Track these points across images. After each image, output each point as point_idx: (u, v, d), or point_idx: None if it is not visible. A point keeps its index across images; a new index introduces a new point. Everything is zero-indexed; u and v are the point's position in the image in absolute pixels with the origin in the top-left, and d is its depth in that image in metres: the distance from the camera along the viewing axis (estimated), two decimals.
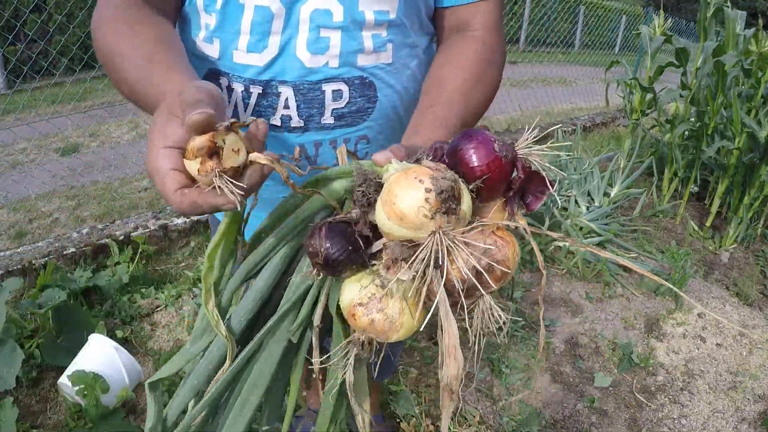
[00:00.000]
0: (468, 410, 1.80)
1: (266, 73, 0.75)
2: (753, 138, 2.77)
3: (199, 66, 0.76)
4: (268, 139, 0.65)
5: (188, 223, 2.50)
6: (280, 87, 0.76)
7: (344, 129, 0.81)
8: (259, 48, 0.73)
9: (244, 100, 0.77)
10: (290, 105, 0.77)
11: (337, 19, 0.73)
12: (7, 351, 1.55)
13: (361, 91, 0.79)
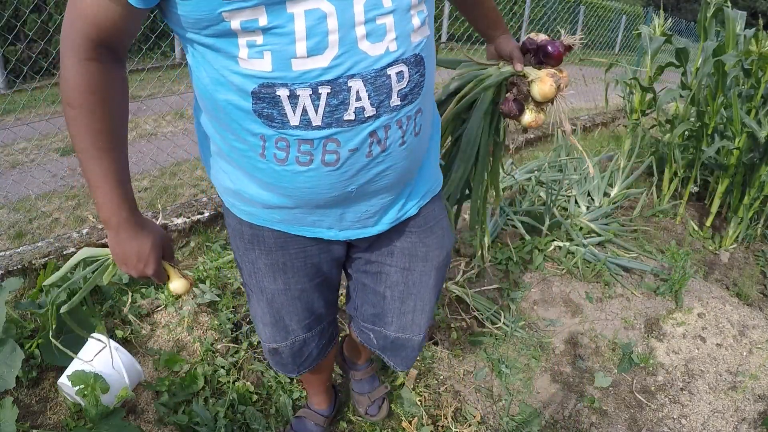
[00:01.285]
0: (468, 410, 1.80)
1: (332, 71, 0.77)
2: (753, 138, 2.77)
3: (243, 84, 0.80)
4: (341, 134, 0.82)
5: (188, 223, 2.50)
6: (350, 81, 0.79)
7: (407, 107, 0.87)
8: (320, 49, 0.76)
9: (313, 102, 0.79)
10: (362, 96, 0.80)
11: (387, 4, 0.78)
12: (7, 351, 1.55)
13: (416, 68, 0.86)
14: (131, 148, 3.84)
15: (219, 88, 0.83)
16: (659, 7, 3.65)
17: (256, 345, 1.92)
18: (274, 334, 1.22)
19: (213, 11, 0.74)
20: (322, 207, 0.96)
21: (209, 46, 0.80)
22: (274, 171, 0.89)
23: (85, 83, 0.82)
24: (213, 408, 1.64)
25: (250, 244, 1.09)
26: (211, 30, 0.77)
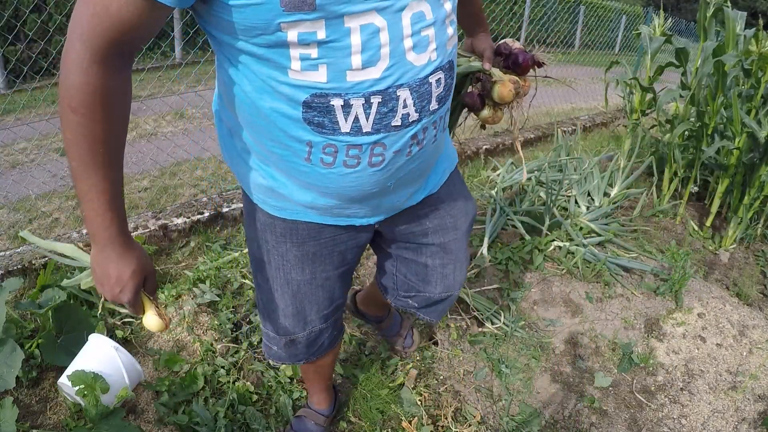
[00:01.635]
0: (468, 410, 1.80)
1: (383, 82, 0.83)
2: (753, 138, 2.77)
3: (294, 94, 0.83)
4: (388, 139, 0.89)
5: (188, 223, 2.50)
6: (398, 91, 0.84)
7: (441, 109, 0.95)
8: (374, 62, 0.81)
9: (365, 111, 0.84)
10: (408, 104, 0.86)
11: (429, 17, 0.84)
12: (7, 351, 1.55)
13: (449, 72, 0.93)
14: (131, 148, 3.85)
15: (264, 96, 0.85)
16: (659, 7, 3.65)
17: (256, 345, 1.92)
18: (294, 326, 1.26)
19: (271, 21, 0.75)
20: (361, 201, 1.02)
21: (256, 55, 0.81)
22: (318, 174, 0.93)
23: (94, 88, 0.77)
24: (213, 408, 1.64)
25: (282, 237, 1.12)
26: (262, 39, 0.78)
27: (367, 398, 1.79)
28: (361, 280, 2.34)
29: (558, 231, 2.73)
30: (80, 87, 0.76)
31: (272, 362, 1.84)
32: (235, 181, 3.17)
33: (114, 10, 0.73)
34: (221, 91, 0.97)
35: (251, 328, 1.98)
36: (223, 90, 0.95)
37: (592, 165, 3.20)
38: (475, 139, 3.91)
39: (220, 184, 3.15)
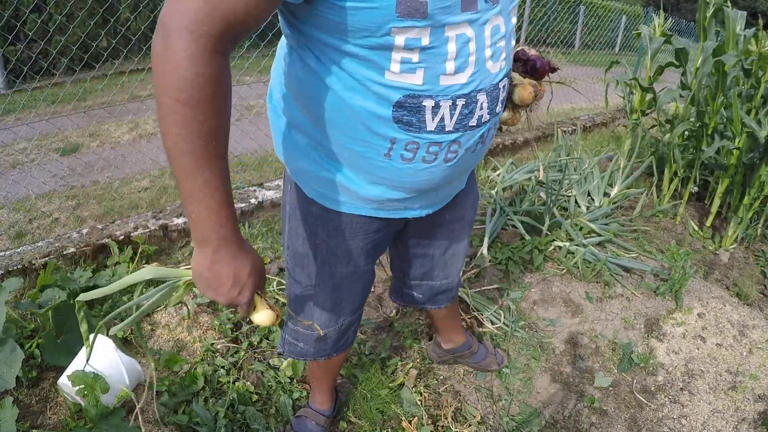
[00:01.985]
0: (468, 410, 1.80)
1: (468, 86, 0.91)
2: (753, 138, 2.77)
3: (388, 94, 0.88)
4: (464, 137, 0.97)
5: (188, 223, 2.49)
6: (478, 95, 0.93)
7: (502, 111, 1.05)
8: (463, 68, 0.89)
9: (450, 112, 0.92)
10: (483, 107, 0.96)
11: (502, 30, 0.93)
12: (7, 351, 1.55)
13: (508, 78, 1.04)
14: (131, 148, 3.85)
15: (354, 95, 0.89)
16: (659, 7, 3.65)
17: (256, 345, 1.92)
18: (328, 320, 1.29)
19: (383, 25, 0.80)
20: (426, 193, 1.08)
21: (355, 55, 0.85)
22: (395, 169, 0.98)
23: (207, 79, 0.73)
24: (213, 408, 1.64)
25: (335, 231, 1.15)
26: (367, 41, 0.82)
27: (367, 398, 1.79)
28: None
29: (558, 231, 2.73)
30: (193, 78, 0.72)
31: (292, 359, 1.84)
32: (235, 182, 3.17)
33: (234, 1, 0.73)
34: (290, 86, 1.00)
35: (251, 328, 1.98)
36: (294, 85, 0.97)
37: (592, 165, 3.20)
38: None
39: None
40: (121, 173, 3.35)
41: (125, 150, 3.76)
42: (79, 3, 5.57)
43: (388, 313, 2.19)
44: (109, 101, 4.68)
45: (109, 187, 3.14)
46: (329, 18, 0.81)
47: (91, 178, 3.28)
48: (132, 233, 2.34)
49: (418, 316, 2.16)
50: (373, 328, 2.09)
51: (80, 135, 4.03)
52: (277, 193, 2.79)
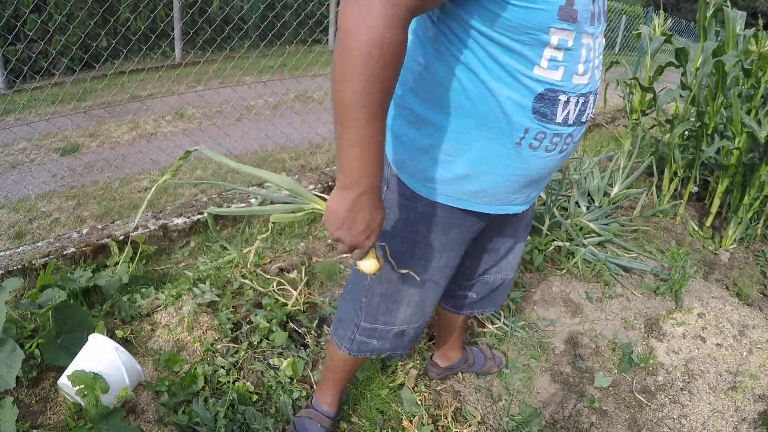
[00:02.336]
0: (468, 410, 1.80)
1: (587, 87, 1.04)
2: (753, 138, 2.77)
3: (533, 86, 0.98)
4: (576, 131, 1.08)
5: (188, 223, 2.50)
6: (590, 96, 1.07)
7: None
8: (586, 71, 1.03)
9: (574, 107, 1.04)
10: (590, 106, 1.08)
11: (602, 42, 1.07)
12: (7, 351, 1.55)
13: None
14: (131, 148, 3.85)
15: (501, 85, 0.98)
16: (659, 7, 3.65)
17: (256, 345, 1.92)
18: (413, 315, 1.33)
19: (544, 24, 0.92)
20: (535, 183, 1.15)
21: (510, 49, 0.94)
22: (521, 157, 1.06)
23: (397, 44, 0.83)
24: (213, 408, 1.64)
25: (436, 225, 1.18)
26: (526, 37, 0.93)
27: (367, 398, 1.79)
28: None
29: (558, 231, 2.73)
30: (387, 41, 0.81)
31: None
32: (235, 182, 3.17)
33: None
34: (419, 80, 1.05)
35: (251, 328, 1.98)
36: (429, 78, 1.03)
37: (592, 165, 3.20)
38: None
39: (220, 184, 3.15)
40: (121, 173, 3.35)
41: (125, 150, 3.76)
42: (79, 3, 5.57)
43: None
44: (109, 101, 4.68)
45: (109, 187, 3.14)
46: (494, 11, 0.91)
47: (91, 178, 3.28)
48: (132, 233, 2.34)
49: None
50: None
51: (80, 135, 4.03)
52: (277, 193, 2.79)
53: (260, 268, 2.30)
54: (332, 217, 0.96)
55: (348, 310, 1.37)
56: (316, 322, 2.06)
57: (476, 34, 0.95)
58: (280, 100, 5.00)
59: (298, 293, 2.15)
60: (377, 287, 1.29)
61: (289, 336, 1.96)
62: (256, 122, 4.21)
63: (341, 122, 0.88)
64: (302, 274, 2.27)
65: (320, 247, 2.51)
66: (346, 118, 0.87)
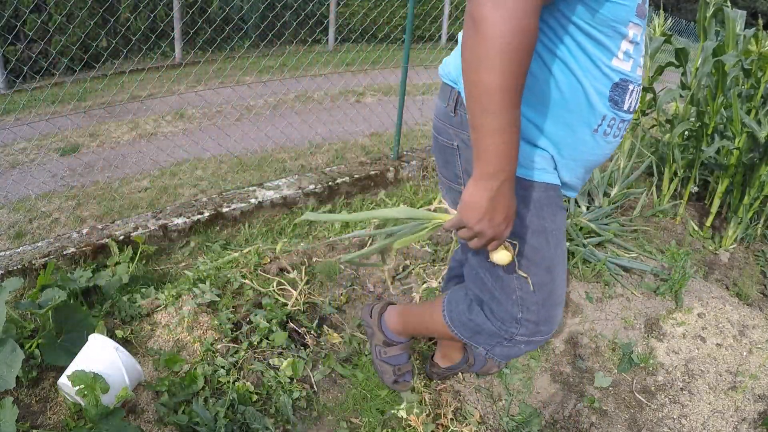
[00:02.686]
0: (468, 410, 1.80)
1: (638, 79, 1.13)
2: (753, 138, 2.76)
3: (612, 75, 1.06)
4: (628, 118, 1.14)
5: (188, 223, 2.50)
6: (638, 87, 1.14)
7: None
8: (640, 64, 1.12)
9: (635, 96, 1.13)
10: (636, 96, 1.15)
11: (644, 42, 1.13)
12: (7, 351, 1.55)
13: None
14: (131, 148, 3.85)
15: (589, 75, 1.05)
16: (659, 7, 3.65)
17: (256, 345, 1.92)
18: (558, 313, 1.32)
19: (626, 19, 1.01)
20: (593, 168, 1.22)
21: (598, 41, 1.02)
22: (595, 143, 1.13)
23: (533, 31, 0.86)
24: (213, 408, 1.64)
25: (556, 207, 1.20)
26: (610, 29, 1.01)
27: (367, 398, 1.79)
28: (361, 280, 2.34)
29: None
30: (525, 28, 0.85)
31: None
32: (235, 182, 3.17)
33: None
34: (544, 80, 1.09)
35: (251, 328, 1.98)
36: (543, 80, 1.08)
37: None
38: None
39: (220, 184, 3.15)
40: (121, 173, 3.35)
41: (125, 150, 3.76)
42: (79, 3, 5.57)
43: None
44: (109, 101, 4.68)
45: (109, 187, 3.15)
46: (590, 6, 0.98)
47: (91, 178, 3.28)
48: (132, 233, 2.34)
49: None
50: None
51: (80, 135, 4.03)
52: (277, 193, 2.79)
53: (260, 268, 2.30)
54: (472, 210, 0.96)
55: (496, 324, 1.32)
56: (316, 322, 2.06)
57: (572, 28, 1.01)
58: (280, 100, 5.00)
59: (298, 293, 2.15)
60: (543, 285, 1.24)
61: (289, 336, 1.96)
62: (256, 122, 4.21)
63: (484, 110, 0.89)
64: (302, 274, 2.27)
65: (320, 247, 2.51)
66: (489, 105, 0.89)
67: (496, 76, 0.86)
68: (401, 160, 3.31)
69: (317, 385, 1.83)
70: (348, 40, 7.79)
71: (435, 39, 8.71)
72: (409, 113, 4.39)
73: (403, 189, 3.21)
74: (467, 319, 1.40)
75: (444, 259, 2.49)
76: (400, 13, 7.37)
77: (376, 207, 3.02)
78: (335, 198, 2.97)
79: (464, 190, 0.98)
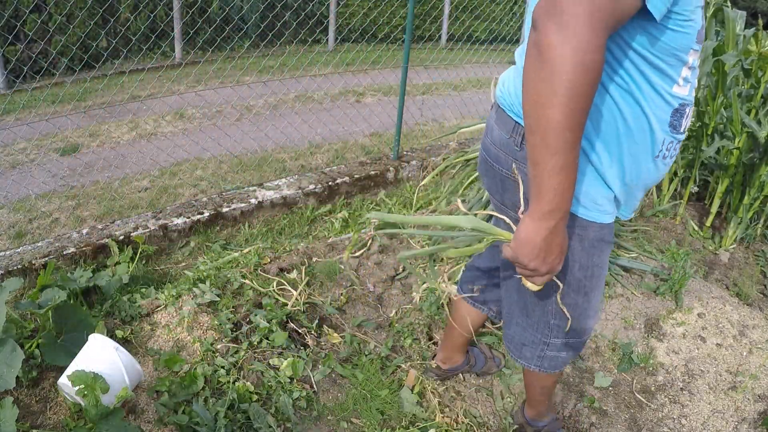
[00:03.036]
0: (468, 410, 1.80)
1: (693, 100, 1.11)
2: (753, 138, 2.77)
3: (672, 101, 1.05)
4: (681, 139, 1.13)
5: (188, 223, 2.50)
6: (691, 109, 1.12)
7: None
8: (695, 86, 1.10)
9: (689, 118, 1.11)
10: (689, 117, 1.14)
11: None
12: (7, 351, 1.55)
13: None
14: (131, 148, 3.85)
15: (651, 104, 1.03)
16: None
17: (256, 345, 1.92)
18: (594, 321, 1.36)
19: (687, 46, 0.99)
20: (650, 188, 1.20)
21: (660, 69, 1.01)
22: (655, 167, 1.11)
23: (600, 66, 0.83)
24: (213, 408, 1.64)
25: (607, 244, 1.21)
26: (672, 58, 1.00)
27: (367, 398, 1.79)
28: (361, 280, 2.34)
29: None
30: (591, 64, 0.81)
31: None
32: (235, 182, 3.17)
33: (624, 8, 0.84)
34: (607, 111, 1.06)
35: (251, 328, 1.98)
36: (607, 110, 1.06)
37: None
38: (476, 140, 3.91)
39: (220, 184, 3.15)
40: (121, 173, 3.35)
41: (125, 150, 3.76)
42: (79, 3, 5.57)
43: (388, 313, 2.19)
44: (109, 101, 4.68)
45: (109, 187, 3.15)
46: (654, 35, 0.96)
47: (91, 178, 3.28)
48: (132, 233, 2.34)
49: (418, 316, 2.16)
50: (373, 328, 2.10)
51: (80, 135, 4.03)
52: (277, 193, 2.79)
53: (260, 268, 2.30)
54: (527, 247, 0.95)
55: (533, 333, 1.37)
56: (316, 322, 2.06)
57: (635, 57, 0.99)
58: (280, 100, 5.00)
59: (298, 293, 2.15)
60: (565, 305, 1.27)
61: (289, 336, 1.96)
62: (256, 122, 4.21)
63: (546, 146, 0.86)
64: (302, 274, 2.27)
65: (320, 247, 2.51)
66: (553, 144, 0.86)
67: (561, 113, 0.83)
68: (401, 160, 3.31)
69: (317, 385, 1.83)
70: (348, 40, 7.79)
71: (435, 39, 8.71)
72: (409, 113, 4.39)
73: (403, 189, 3.21)
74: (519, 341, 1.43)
75: (444, 259, 2.49)
76: (400, 13, 7.37)
77: (375, 207, 3.02)
78: (335, 198, 2.98)
79: (520, 226, 0.97)
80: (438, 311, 2.16)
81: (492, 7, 7.36)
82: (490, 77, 6.38)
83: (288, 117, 4.38)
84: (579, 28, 0.80)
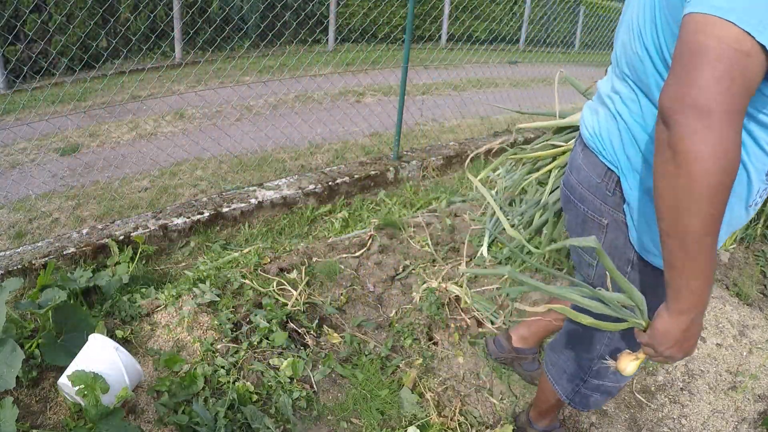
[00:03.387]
0: (468, 410, 1.80)
1: None
2: None
3: None
4: None
5: (188, 223, 2.50)
6: None
7: None
8: None
9: None
10: None
11: None
12: (7, 351, 1.55)
13: None
14: (131, 148, 3.86)
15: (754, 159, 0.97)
16: None
17: (256, 345, 1.92)
18: None
19: None
20: None
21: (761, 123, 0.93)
22: (746, 214, 1.07)
23: (738, 161, 0.78)
24: (213, 408, 1.64)
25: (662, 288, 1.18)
26: None
27: (367, 398, 1.79)
28: (361, 280, 2.34)
29: None
30: (734, 163, 0.76)
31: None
32: (235, 182, 3.17)
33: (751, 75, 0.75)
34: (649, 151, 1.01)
35: (251, 328, 1.98)
36: None
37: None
38: (475, 140, 3.91)
39: (220, 184, 3.16)
40: (121, 173, 3.35)
41: (125, 150, 3.76)
42: (79, 3, 5.58)
43: (388, 313, 2.19)
44: (109, 101, 4.68)
45: (109, 187, 3.15)
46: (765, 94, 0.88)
47: (91, 178, 3.28)
48: (132, 233, 2.34)
49: (418, 316, 2.16)
50: (373, 328, 2.10)
51: (80, 135, 4.03)
52: (277, 193, 2.79)
53: (260, 268, 2.30)
54: (664, 338, 0.95)
55: (574, 366, 1.38)
56: (316, 322, 2.06)
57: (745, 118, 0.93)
58: (280, 100, 5.01)
59: (298, 293, 2.15)
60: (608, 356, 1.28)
61: (289, 336, 1.96)
62: (256, 122, 4.21)
63: (686, 254, 0.83)
64: (302, 274, 2.27)
65: (320, 247, 2.51)
66: (692, 250, 0.82)
67: (701, 222, 0.79)
68: (401, 160, 3.31)
69: (317, 385, 1.83)
70: (348, 40, 7.79)
71: (435, 39, 8.71)
72: (409, 113, 4.39)
73: (402, 189, 3.21)
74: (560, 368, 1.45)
75: (444, 259, 2.49)
76: (400, 13, 7.37)
77: (375, 207, 3.01)
78: (335, 198, 2.98)
79: (657, 319, 0.96)
80: (438, 311, 2.16)
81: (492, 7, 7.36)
82: (490, 77, 6.38)
83: (288, 117, 4.38)
84: (724, 130, 0.74)
